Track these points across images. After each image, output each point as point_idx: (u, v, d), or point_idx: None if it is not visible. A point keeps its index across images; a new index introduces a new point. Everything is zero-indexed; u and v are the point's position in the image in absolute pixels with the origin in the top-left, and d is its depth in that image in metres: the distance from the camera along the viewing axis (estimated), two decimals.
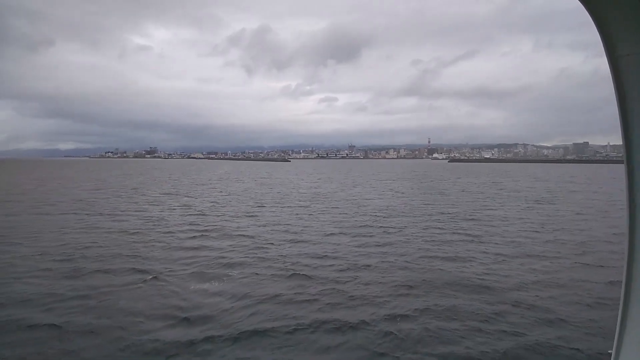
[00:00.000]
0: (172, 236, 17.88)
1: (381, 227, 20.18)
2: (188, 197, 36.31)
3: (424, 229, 19.76)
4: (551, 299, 9.86)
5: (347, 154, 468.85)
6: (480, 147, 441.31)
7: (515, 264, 13.25)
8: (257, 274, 12.15)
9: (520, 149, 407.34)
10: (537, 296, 10.05)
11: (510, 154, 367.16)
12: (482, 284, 10.97)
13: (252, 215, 24.37)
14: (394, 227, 20.00)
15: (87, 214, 24.39)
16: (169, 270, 12.44)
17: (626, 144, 1.93)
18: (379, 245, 15.93)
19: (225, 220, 22.66)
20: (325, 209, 27.31)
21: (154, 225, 20.79)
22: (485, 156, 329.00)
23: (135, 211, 26.02)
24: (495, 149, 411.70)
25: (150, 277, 11.83)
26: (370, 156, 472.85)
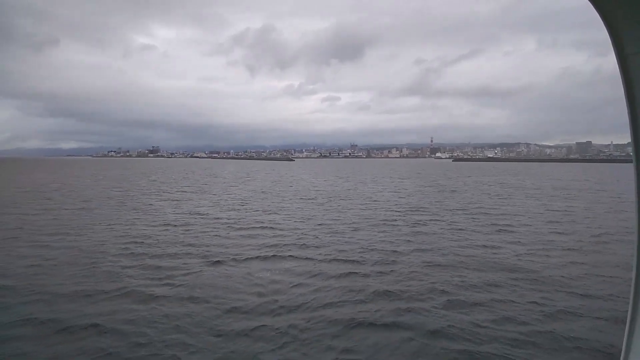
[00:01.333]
0: (214, 229, 19.02)
1: (407, 221, 21.28)
2: (211, 194, 37.46)
3: (449, 223, 20.85)
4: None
5: (349, 154, 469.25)
6: (483, 147, 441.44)
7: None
8: (310, 258, 13.37)
9: (523, 148, 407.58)
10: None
11: (513, 153, 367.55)
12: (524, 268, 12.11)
13: (281, 210, 25.48)
14: (420, 221, 21.11)
15: (123, 210, 25.54)
16: (226, 257, 13.60)
17: (635, 142, 1.90)
18: (411, 237, 17.03)
19: (259, 214, 23.80)
20: (347, 205, 28.41)
21: (192, 219, 21.92)
22: (489, 155, 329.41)
23: (168, 207, 27.16)
24: (498, 148, 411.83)
25: (214, 261, 13.06)
26: (373, 155, 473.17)
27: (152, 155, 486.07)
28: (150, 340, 7.56)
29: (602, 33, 1.89)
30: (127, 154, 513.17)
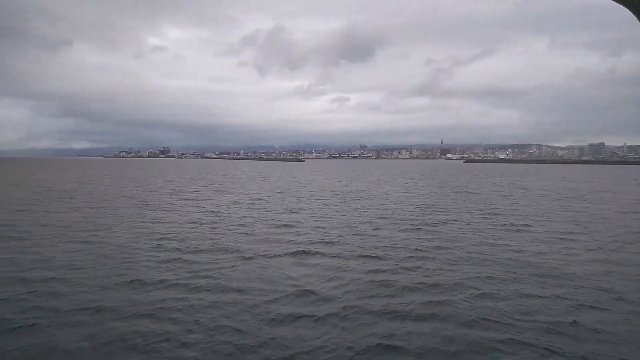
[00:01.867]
0: (239, 226, 19.61)
1: (426, 221, 21.69)
2: (229, 194, 38.18)
3: (467, 223, 21.21)
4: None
5: (359, 154, 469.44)
6: (494, 148, 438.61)
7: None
8: (337, 255, 13.87)
9: (535, 150, 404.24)
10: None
11: (524, 155, 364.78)
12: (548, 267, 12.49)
13: (301, 210, 26.02)
14: (439, 221, 21.50)
15: (146, 209, 26.29)
16: (256, 253, 14.15)
17: None
18: (432, 235, 17.45)
19: (279, 214, 24.36)
20: (365, 205, 28.87)
21: (216, 217, 22.56)
22: (500, 157, 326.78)
23: (190, 206, 27.88)
24: (509, 150, 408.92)
25: (246, 257, 13.64)
26: (383, 156, 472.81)
27: (162, 155, 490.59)
28: (202, 327, 8.13)
29: (617, 33, 1.91)
30: (138, 154, 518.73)
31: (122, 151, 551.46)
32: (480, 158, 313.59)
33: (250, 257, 13.70)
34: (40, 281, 10.88)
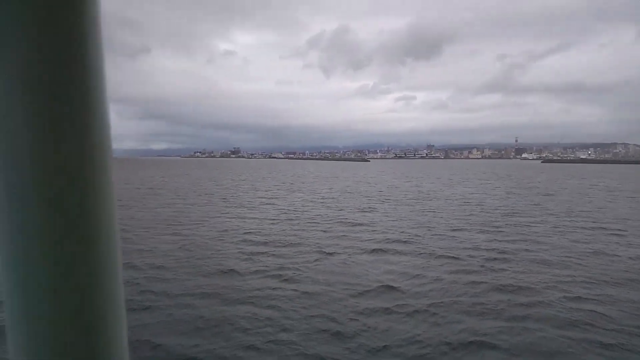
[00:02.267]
0: (316, 224, 20.30)
1: (507, 222, 20.95)
2: (301, 192, 39.36)
3: (553, 226, 20.20)
4: None
5: (426, 154, 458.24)
6: (574, 147, 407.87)
7: None
8: (417, 254, 13.99)
9: (620, 149, 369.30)
10: None
11: (608, 155, 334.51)
12: None
13: (373, 210, 26.24)
14: (521, 223, 20.68)
15: (228, 206, 27.98)
16: (337, 249, 14.64)
17: None
18: (515, 237, 16.88)
19: (352, 212, 24.79)
20: (439, 206, 28.43)
21: (293, 214, 23.48)
22: (581, 157, 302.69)
23: (266, 204, 29.22)
24: (591, 149, 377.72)
25: (328, 252, 14.19)
26: (452, 156, 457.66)
27: (233, 155, 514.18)
28: (298, 314, 8.73)
29: None
30: (212, 154, 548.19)
31: (197, 151, 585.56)
32: (559, 158, 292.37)
33: (331, 253, 14.23)
34: (149, 268, 12.19)
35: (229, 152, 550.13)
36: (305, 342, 7.52)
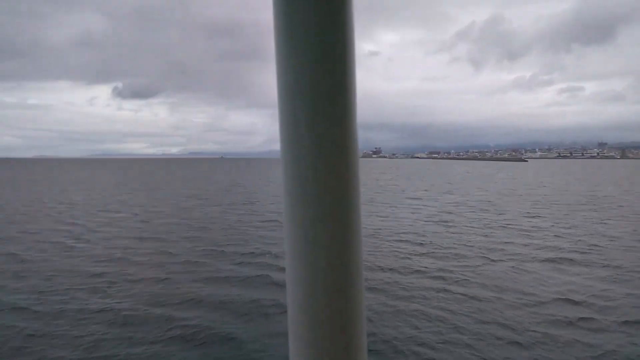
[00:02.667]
0: (474, 227, 19.55)
1: None
2: (450, 194, 38.14)
3: None
4: None
5: (597, 153, 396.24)
6: None
7: None
8: (600, 265, 12.54)
9: None
10: None
11: None
12: None
13: (538, 215, 24.03)
14: None
15: (378, 205, 28.79)
16: (503, 256, 13.95)
17: None
18: None
19: (514, 217, 23.12)
20: (623, 214, 24.60)
21: (448, 216, 23.00)
22: None
23: (417, 205, 29.18)
24: None
25: (492, 259, 13.65)
26: (630, 155, 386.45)
27: (375, 155, 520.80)
28: (470, 318, 8.74)
29: None
30: None
31: None
32: None
33: (496, 259, 13.64)
34: None
35: (370, 152, 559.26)
36: (480, 347, 7.53)
